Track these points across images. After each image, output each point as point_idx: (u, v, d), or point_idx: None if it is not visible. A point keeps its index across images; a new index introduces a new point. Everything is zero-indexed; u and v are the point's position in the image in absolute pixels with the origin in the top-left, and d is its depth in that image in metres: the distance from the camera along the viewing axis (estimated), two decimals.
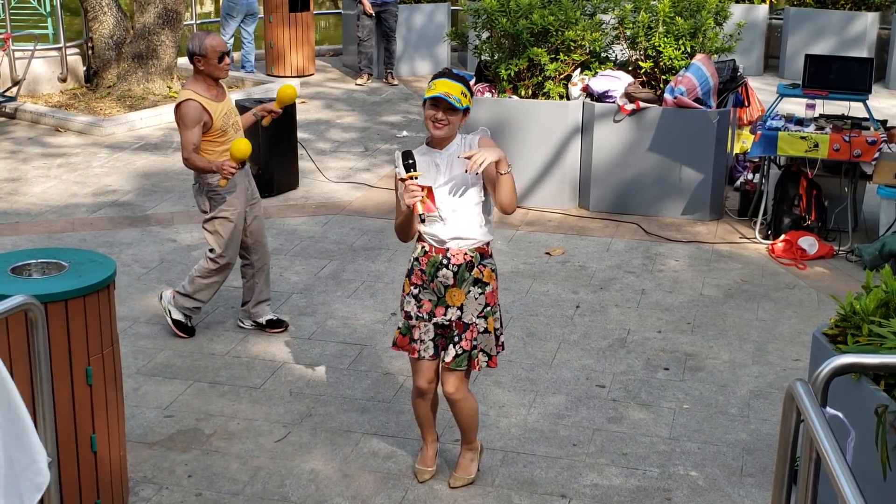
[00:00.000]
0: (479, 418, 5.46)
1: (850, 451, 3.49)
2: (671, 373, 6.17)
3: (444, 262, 4.65)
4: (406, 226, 4.65)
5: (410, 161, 4.49)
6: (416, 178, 4.48)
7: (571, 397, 5.86)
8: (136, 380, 5.99)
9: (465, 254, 4.65)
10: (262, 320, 6.61)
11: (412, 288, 4.75)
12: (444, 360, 4.75)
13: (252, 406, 5.73)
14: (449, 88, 4.51)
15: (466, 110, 4.60)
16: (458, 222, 4.61)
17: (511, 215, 7.32)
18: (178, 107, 6.12)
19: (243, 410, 5.69)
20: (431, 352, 4.77)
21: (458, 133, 4.67)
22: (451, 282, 4.66)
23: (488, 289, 4.70)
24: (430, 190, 4.51)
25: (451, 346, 4.72)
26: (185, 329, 6.52)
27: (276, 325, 6.62)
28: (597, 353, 6.40)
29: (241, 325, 6.65)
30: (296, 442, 5.39)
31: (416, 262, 4.73)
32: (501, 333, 4.87)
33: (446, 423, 5.40)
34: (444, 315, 4.71)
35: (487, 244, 4.72)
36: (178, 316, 6.51)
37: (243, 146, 5.92)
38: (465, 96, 4.56)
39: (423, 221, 4.60)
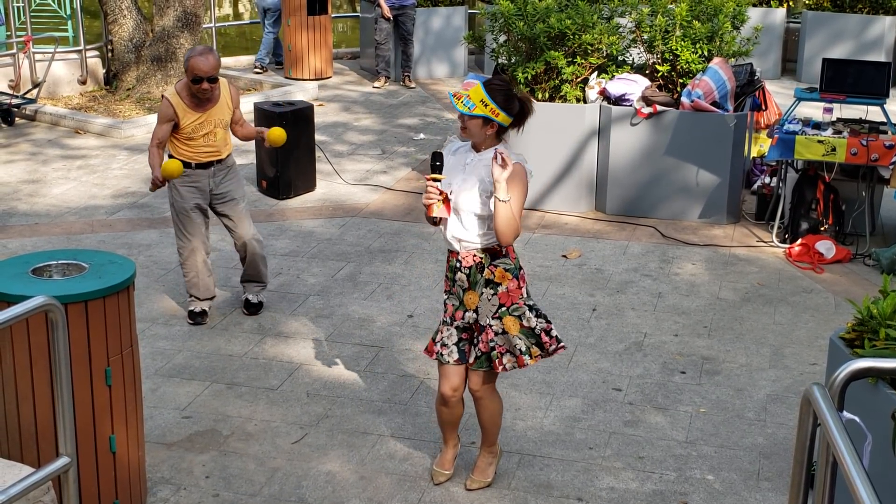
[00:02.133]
0: None
1: (867, 456, 3.49)
2: (688, 376, 6.17)
3: (458, 265, 4.69)
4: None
5: (437, 164, 4.59)
6: (440, 181, 4.57)
7: (588, 400, 5.87)
8: (154, 381, 6.03)
9: (475, 255, 4.67)
10: (242, 297, 7.02)
11: (444, 294, 4.83)
12: (467, 362, 4.79)
13: (269, 407, 5.76)
14: (472, 93, 4.57)
15: (487, 121, 4.55)
16: (457, 223, 4.66)
17: (526, 221, 7.33)
18: (161, 97, 6.59)
19: (261, 412, 5.72)
20: (456, 356, 4.78)
21: (504, 146, 4.68)
22: (466, 285, 4.69)
23: (501, 289, 4.68)
24: (447, 196, 4.62)
25: (472, 348, 4.77)
26: (192, 315, 6.83)
27: (253, 307, 6.97)
28: (613, 356, 6.41)
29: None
30: (313, 443, 5.41)
31: (446, 269, 4.80)
32: (544, 331, 4.73)
33: (463, 424, 5.41)
34: (463, 318, 4.74)
35: (499, 245, 4.71)
36: (190, 307, 6.85)
37: (171, 168, 6.34)
38: (485, 105, 4.52)
39: (435, 223, 4.70)
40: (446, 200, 4.61)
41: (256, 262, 6.88)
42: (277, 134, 6.72)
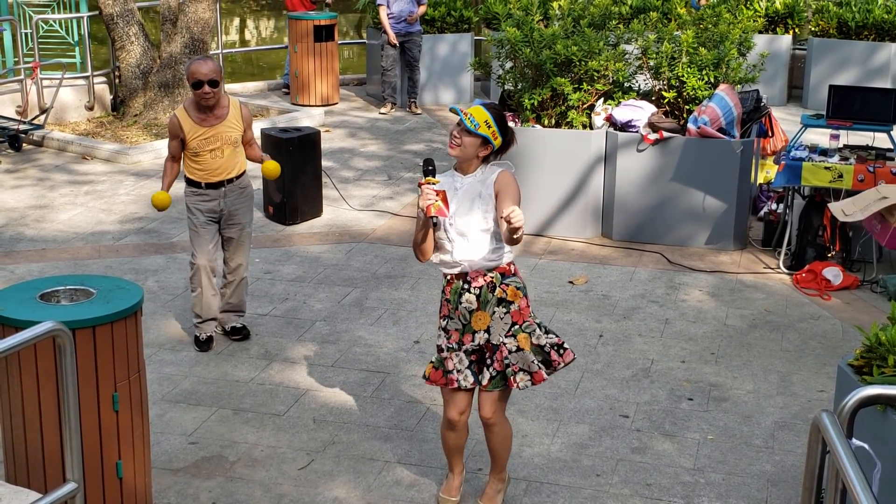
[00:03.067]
0: None
1: (876, 483, 3.48)
2: (695, 403, 6.15)
3: (465, 286, 4.68)
4: (421, 240, 4.71)
5: (430, 168, 4.63)
6: (434, 184, 4.59)
7: (595, 427, 5.86)
8: (161, 406, 6.02)
9: (485, 275, 4.68)
10: (228, 327, 6.97)
11: (441, 321, 4.80)
12: (481, 384, 4.77)
13: (276, 433, 5.75)
14: (474, 112, 4.62)
15: (486, 141, 4.62)
16: (465, 246, 4.66)
17: (533, 247, 7.33)
18: None
19: (267, 438, 5.71)
20: (471, 379, 4.77)
21: (483, 168, 4.72)
22: (474, 306, 4.68)
23: (513, 307, 4.71)
24: (444, 194, 4.60)
25: (485, 369, 4.75)
26: (198, 342, 6.81)
27: (236, 332, 6.97)
28: (620, 382, 6.39)
29: (215, 330, 6.97)
30: (319, 470, 5.40)
31: (441, 294, 4.79)
32: (555, 345, 4.76)
33: (469, 452, 5.40)
34: (472, 341, 4.73)
35: (509, 264, 4.74)
36: (196, 333, 6.85)
37: (158, 201, 6.61)
38: (489, 127, 4.60)
39: (435, 226, 4.65)
40: (444, 200, 4.60)
41: (242, 289, 6.95)
42: (271, 168, 6.77)
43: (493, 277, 4.68)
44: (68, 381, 3.63)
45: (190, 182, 6.69)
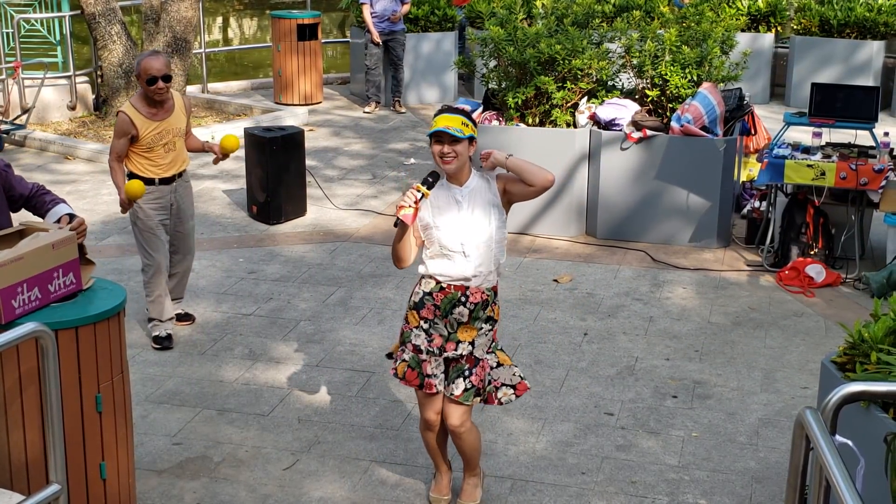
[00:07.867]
0: (488, 446, 5.47)
1: (860, 480, 3.49)
2: (679, 400, 6.17)
3: (462, 299, 4.67)
4: (396, 240, 4.69)
5: (430, 180, 4.63)
6: (424, 196, 4.58)
7: (580, 425, 5.86)
8: (144, 407, 6.00)
9: (483, 292, 4.69)
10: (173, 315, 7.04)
11: (422, 322, 4.76)
12: (452, 393, 4.75)
13: (260, 433, 5.74)
14: (448, 122, 4.59)
15: (472, 139, 4.65)
16: (480, 257, 4.66)
17: (517, 245, 7.30)
18: (116, 114, 6.63)
19: (252, 438, 5.69)
20: (442, 386, 4.80)
21: (473, 169, 4.73)
22: (465, 319, 4.69)
23: (496, 325, 4.81)
24: (417, 211, 4.59)
25: (460, 379, 4.73)
26: (159, 340, 6.79)
27: (183, 318, 7.11)
28: (605, 380, 6.40)
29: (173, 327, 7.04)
30: (304, 470, 5.39)
31: (428, 297, 4.73)
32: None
33: (453, 452, 5.39)
34: (455, 350, 4.72)
35: (496, 284, 4.81)
36: (155, 333, 6.83)
37: (134, 188, 6.35)
38: (467, 126, 4.62)
39: (395, 225, 4.62)
40: (416, 213, 4.60)
41: (186, 279, 7.10)
42: (231, 141, 6.73)
43: (488, 295, 4.72)
44: (51, 382, 3.62)
45: (140, 180, 6.60)
